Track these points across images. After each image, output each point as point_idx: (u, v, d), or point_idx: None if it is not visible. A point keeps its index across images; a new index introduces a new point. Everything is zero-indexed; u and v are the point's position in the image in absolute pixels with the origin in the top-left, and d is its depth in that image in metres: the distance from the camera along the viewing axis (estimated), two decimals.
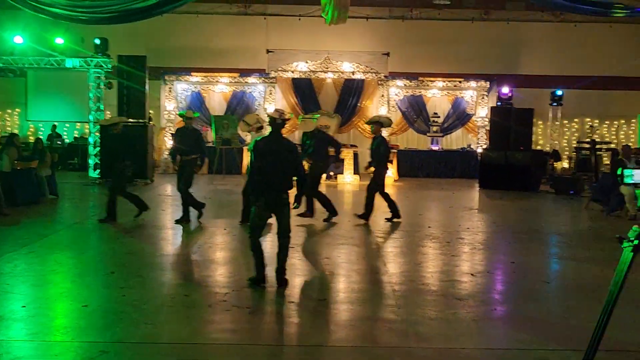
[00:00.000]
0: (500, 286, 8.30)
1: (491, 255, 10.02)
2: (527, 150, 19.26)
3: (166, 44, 22.85)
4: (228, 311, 6.70)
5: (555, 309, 7.08)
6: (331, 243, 10.71)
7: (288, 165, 7.60)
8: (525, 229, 12.43)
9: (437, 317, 6.63)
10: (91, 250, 10.00)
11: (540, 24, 23.00)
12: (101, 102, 18.96)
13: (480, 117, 22.70)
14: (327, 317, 6.70)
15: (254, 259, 7.72)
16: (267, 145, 7.65)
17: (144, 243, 10.49)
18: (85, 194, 16.67)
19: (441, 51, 23.29)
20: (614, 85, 22.92)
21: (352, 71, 22.56)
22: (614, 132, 23.04)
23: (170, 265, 8.97)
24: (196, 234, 11.32)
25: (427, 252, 10.04)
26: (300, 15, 22.38)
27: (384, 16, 23.26)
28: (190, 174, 12.09)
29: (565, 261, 9.65)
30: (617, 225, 12.57)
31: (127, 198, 12.27)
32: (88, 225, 12.10)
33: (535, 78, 22.98)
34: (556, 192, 18.27)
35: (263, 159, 7.56)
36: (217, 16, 22.99)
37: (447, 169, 22.28)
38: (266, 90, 22.84)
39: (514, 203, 15.99)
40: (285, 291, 7.53)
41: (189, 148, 12.03)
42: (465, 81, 22.80)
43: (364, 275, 8.61)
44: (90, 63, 18.47)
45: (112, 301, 7.01)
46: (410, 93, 23.12)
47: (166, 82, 22.76)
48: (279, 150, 7.60)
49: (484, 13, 23.00)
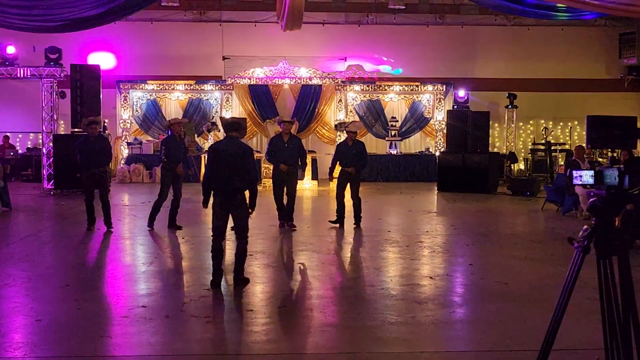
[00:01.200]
0: (459, 288, 8.35)
1: (450, 258, 10.07)
2: (484, 153, 19.47)
3: (120, 51, 22.57)
4: (186, 321, 6.62)
5: (513, 310, 7.12)
6: (291, 250, 10.67)
7: (240, 167, 7.78)
8: (483, 231, 12.54)
9: (397, 321, 6.63)
10: (45, 262, 9.78)
11: (494, 27, 23.28)
12: (55, 112, 18.63)
13: (438, 120, 22.88)
14: (287, 325, 6.66)
15: (212, 262, 7.92)
16: (219, 147, 8.09)
17: (100, 254, 10.32)
18: (40, 205, 16.34)
19: (397, 55, 23.43)
20: (567, 87, 23.31)
21: (309, 77, 22.56)
22: (568, 134, 23.42)
23: (126, 276, 8.82)
24: (153, 243, 11.17)
25: (387, 257, 10.06)
26: (256, 22, 22.31)
27: (340, 21, 23.33)
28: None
29: (523, 261, 9.74)
30: (572, 225, 12.76)
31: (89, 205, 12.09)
32: (42, 238, 11.86)
33: (490, 81, 23.25)
34: (513, 193, 18.49)
35: (216, 160, 7.92)
36: (171, 23, 22.78)
37: (406, 173, 22.37)
38: (223, 97, 22.71)
39: (472, 205, 16.14)
40: (244, 299, 7.47)
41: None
42: (422, 85, 22.96)
43: (323, 281, 8.58)
44: (42, 72, 18.15)
45: (67, 315, 6.86)
46: (368, 97, 23.21)
47: (121, 90, 22.48)
48: (232, 152, 7.83)
49: (438, 17, 23.21)
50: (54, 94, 18.52)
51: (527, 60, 23.29)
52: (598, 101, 22.44)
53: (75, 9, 11.11)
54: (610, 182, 3.74)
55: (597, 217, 3.72)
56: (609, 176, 3.74)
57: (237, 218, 7.96)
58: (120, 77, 22.39)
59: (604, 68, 23.74)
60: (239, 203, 7.85)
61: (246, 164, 7.86)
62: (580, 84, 23.33)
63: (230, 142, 8.04)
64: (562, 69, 23.24)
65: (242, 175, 7.82)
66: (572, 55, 23.36)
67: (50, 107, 18.52)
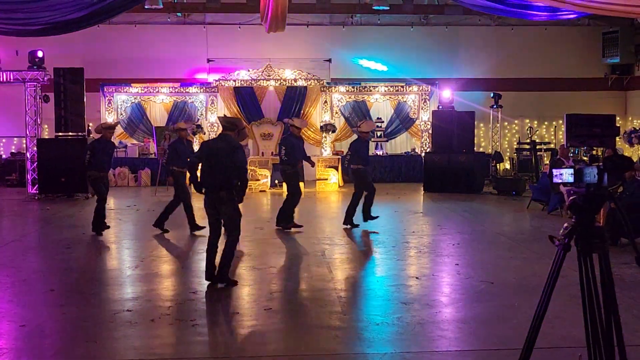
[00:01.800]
0: (445, 288, 8.36)
1: (436, 258, 10.10)
2: (469, 153, 19.52)
3: (104, 55, 22.44)
4: (171, 325, 6.60)
5: (499, 309, 7.15)
6: (277, 251, 10.66)
7: (229, 163, 7.91)
8: (469, 231, 12.58)
9: (383, 322, 6.64)
10: (29, 267, 9.72)
11: (478, 27, 23.36)
12: (38, 117, 18.52)
13: (423, 121, 22.91)
14: (273, 327, 6.65)
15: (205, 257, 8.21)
16: (209, 143, 8.46)
17: (86, 258, 10.27)
18: (24, 210, 16.24)
19: (382, 56, 23.47)
20: (551, 86, 23.43)
21: (294, 78, 22.55)
22: (553, 133, 23.52)
23: (112, 280, 8.78)
24: (139, 247, 11.13)
25: (373, 258, 10.09)
26: (240, 24, 22.27)
27: (324, 22, 23.33)
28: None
29: (508, 261, 9.78)
30: (557, 223, 12.80)
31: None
32: (27, 242, 11.79)
33: (475, 81, 23.32)
34: (499, 193, 18.56)
35: (204, 157, 8.15)
36: (155, 26, 22.69)
37: (392, 174, 22.41)
38: (208, 99, 22.66)
39: (458, 205, 16.18)
40: (230, 302, 7.46)
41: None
42: (407, 86, 22.99)
43: (309, 282, 8.58)
44: (25, 76, 18.04)
45: (52, 320, 6.83)
46: (353, 99, 23.21)
47: (105, 94, 22.38)
48: (220, 147, 8.02)
49: (423, 18, 23.25)
50: (38, 98, 18.41)
51: (512, 60, 23.38)
52: (582, 100, 22.56)
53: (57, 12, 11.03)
54: (589, 180, 3.76)
55: (577, 215, 3.74)
56: (588, 174, 3.76)
57: (223, 215, 8.05)
58: (104, 80, 22.29)
59: (588, 67, 23.84)
60: (225, 200, 7.93)
61: (234, 160, 7.92)
62: (565, 83, 23.46)
63: (221, 139, 8.24)
64: (546, 68, 23.35)
65: (230, 171, 7.91)
66: (555, 55, 23.47)
67: (34, 111, 18.41)
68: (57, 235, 12.08)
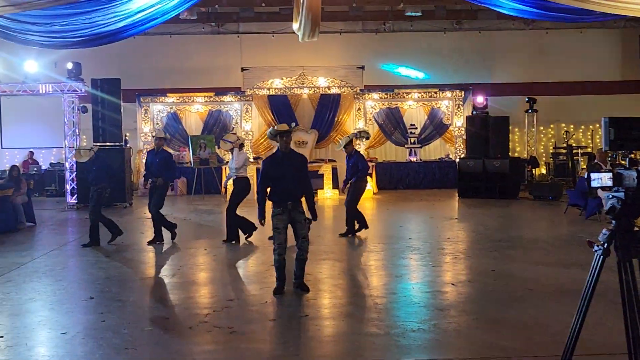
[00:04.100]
0: (481, 295, 8.29)
1: (472, 264, 10.03)
2: (504, 158, 19.38)
3: (140, 65, 22.79)
4: (209, 332, 6.65)
5: (537, 315, 7.08)
6: (312, 258, 10.66)
7: (299, 176, 8.11)
8: (506, 237, 12.47)
9: (419, 328, 6.61)
10: (70, 276, 9.88)
11: (511, 32, 23.22)
12: (76, 127, 18.83)
13: (457, 126, 22.81)
14: (309, 334, 6.67)
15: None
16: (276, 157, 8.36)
17: (124, 267, 10.39)
18: (63, 220, 16.51)
19: (415, 62, 23.43)
20: (587, 90, 23.15)
21: (327, 86, 22.61)
22: (590, 137, 23.25)
23: (150, 289, 8.89)
24: (176, 255, 11.24)
25: (408, 264, 10.04)
26: (274, 32, 22.43)
27: (357, 30, 23.38)
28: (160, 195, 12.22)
29: (546, 267, 9.68)
30: (595, 229, 12.62)
31: (101, 222, 12.21)
32: (66, 252, 11.97)
33: (509, 86, 23.18)
34: (535, 198, 18.38)
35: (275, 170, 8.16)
36: (190, 36, 22.98)
37: (426, 180, 22.34)
38: (242, 108, 22.81)
39: (493, 211, 16.06)
40: (267, 309, 7.49)
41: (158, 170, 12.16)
42: (441, 91, 22.92)
43: (345, 289, 8.59)
44: (63, 88, 18.36)
45: (92, 327, 6.92)
46: (387, 105, 23.19)
47: (142, 104, 22.68)
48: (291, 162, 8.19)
49: (456, 23, 23.17)
50: (76, 109, 18.72)
51: (546, 64, 23.19)
52: (619, 103, 22.25)
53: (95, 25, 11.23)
54: (628, 184, 3.72)
55: (616, 220, 3.70)
56: (627, 178, 3.72)
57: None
58: (140, 90, 22.59)
59: (625, 69, 23.55)
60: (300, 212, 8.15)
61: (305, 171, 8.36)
62: (601, 87, 23.18)
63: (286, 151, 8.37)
64: (581, 71, 23.11)
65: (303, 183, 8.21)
66: (591, 58, 23.22)
67: (72, 122, 18.72)
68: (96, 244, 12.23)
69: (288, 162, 8.13)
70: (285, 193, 8.00)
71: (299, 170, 8.19)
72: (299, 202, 8.07)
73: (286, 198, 7.97)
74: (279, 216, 7.98)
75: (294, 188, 8.06)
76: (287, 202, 7.95)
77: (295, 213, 7.99)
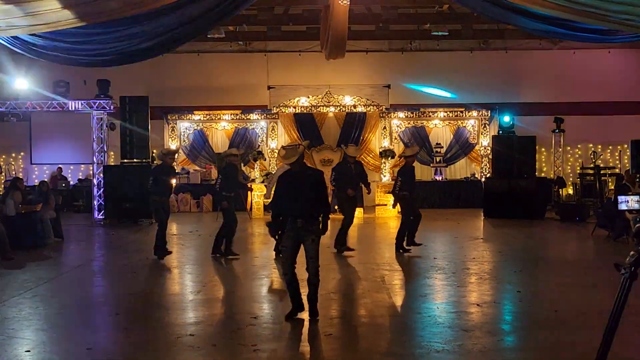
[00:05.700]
0: (507, 316, 8.24)
1: (498, 285, 9.96)
2: (531, 178, 19.24)
3: (168, 83, 23.02)
4: (233, 350, 6.67)
5: (563, 337, 7.01)
6: (336, 277, 10.67)
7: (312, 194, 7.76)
8: (532, 257, 12.37)
9: (443, 349, 6.57)
10: (96, 292, 9.98)
11: (539, 51, 23.11)
12: (105, 144, 19.06)
13: (483, 146, 22.73)
14: (334, 353, 6.66)
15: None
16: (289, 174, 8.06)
17: (149, 283, 10.47)
18: (91, 235, 16.69)
19: (441, 82, 23.41)
20: (615, 110, 22.95)
21: (353, 104, 22.67)
22: (618, 157, 23.01)
23: (175, 305, 8.93)
24: (200, 272, 11.29)
25: (433, 284, 10.00)
26: (300, 51, 22.57)
27: (384, 49, 23.42)
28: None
29: (572, 288, 9.58)
30: (623, 250, 12.48)
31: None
32: (93, 267, 12.10)
33: (536, 105, 23.05)
34: (562, 219, 18.20)
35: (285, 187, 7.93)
36: (218, 54, 23.19)
37: (451, 199, 22.23)
38: (268, 126, 22.94)
39: (519, 231, 15.94)
40: (291, 328, 7.50)
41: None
42: (467, 111, 22.87)
43: (369, 308, 8.57)
44: (92, 105, 18.61)
45: (117, 343, 6.99)
46: (412, 124, 23.19)
47: (169, 121, 22.91)
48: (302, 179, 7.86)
49: (482, 43, 23.12)
50: (105, 126, 18.96)
51: (574, 84, 23.02)
52: None
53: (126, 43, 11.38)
54: None
55: None
56: None
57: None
58: (168, 108, 22.82)
59: None
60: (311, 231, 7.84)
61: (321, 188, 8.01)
62: (629, 107, 22.96)
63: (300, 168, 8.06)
64: (609, 91, 22.91)
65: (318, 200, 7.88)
66: (620, 77, 23.01)
67: (101, 139, 18.96)
68: (122, 261, 12.34)
69: (300, 179, 7.89)
70: (295, 210, 7.73)
71: (313, 188, 7.83)
72: (310, 220, 7.72)
73: (296, 215, 7.71)
74: (288, 233, 7.77)
75: (304, 206, 7.71)
76: (297, 219, 7.67)
77: (303, 232, 7.67)
